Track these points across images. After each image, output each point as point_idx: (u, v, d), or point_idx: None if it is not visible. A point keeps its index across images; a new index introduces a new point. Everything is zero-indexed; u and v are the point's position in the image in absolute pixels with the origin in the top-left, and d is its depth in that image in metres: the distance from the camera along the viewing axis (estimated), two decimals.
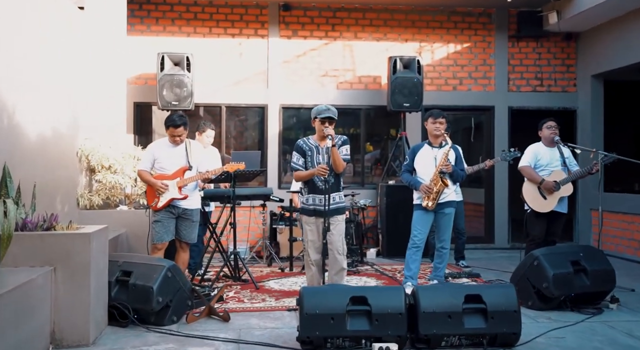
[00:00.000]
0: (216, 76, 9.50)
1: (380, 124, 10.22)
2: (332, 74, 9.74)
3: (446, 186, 6.01)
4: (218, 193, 6.84)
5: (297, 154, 5.60)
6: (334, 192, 5.54)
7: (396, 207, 8.87)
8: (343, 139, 5.66)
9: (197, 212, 6.06)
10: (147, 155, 6.02)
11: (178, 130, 5.82)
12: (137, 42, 9.35)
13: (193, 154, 5.96)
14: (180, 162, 5.91)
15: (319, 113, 5.58)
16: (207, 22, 9.51)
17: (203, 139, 7.26)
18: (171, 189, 5.84)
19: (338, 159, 5.43)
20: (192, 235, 6.03)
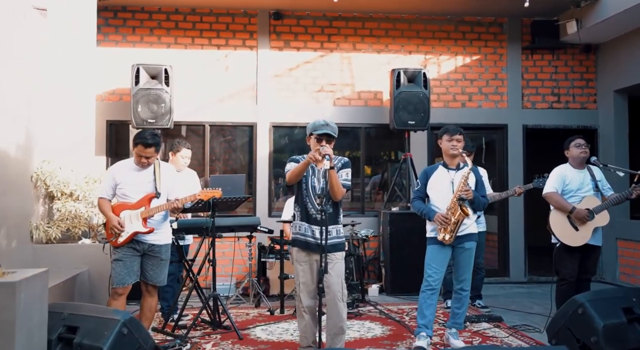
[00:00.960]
0: (199, 91, 8.55)
1: (381, 145, 9.26)
2: (329, 89, 8.80)
3: (466, 216, 5.02)
4: (195, 224, 5.82)
5: (292, 163, 4.68)
6: (332, 224, 4.60)
7: (401, 238, 7.87)
8: (343, 162, 4.72)
9: (166, 249, 5.03)
10: (107, 179, 5.02)
11: (148, 151, 4.82)
12: (111, 54, 8.40)
13: (162, 178, 4.96)
14: (146, 188, 4.90)
15: (315, 128, 4.63)
16: (190, 32, 8.58)
17: (177, 161, 6.27)
18: (134, 221, 4.82)
19: (337, 184, 4.47)
20: (160, 276, 5.00)
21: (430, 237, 5.24)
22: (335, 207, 4.66)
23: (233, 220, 6.14)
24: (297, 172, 4.53)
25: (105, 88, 8.39)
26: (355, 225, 7.31)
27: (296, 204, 4.72)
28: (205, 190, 5.07)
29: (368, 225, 8.45)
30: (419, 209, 5.25)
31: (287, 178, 4.63)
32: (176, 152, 6.29)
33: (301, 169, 4.52)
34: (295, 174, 4.55)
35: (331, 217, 4.60)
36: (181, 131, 8.71)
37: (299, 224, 4.65)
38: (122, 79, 8.12)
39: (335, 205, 4.66)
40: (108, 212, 4.87)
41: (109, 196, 4.96)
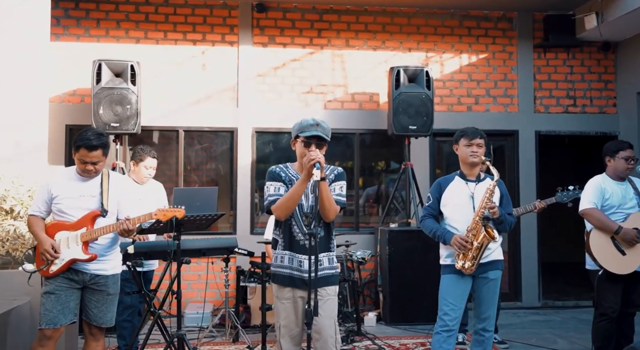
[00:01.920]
0: (172, 92, 7.54)
1: (378, 153, 8.28)
2: (319, 90, 7.82)
3: (492, 239, 4.03)
4: (156, 248, 4.78)
5: (275, 183, 3.69)
6: (323, 251, 3.64)
7: (401, 259, 6.88)
8: (337, 172, 3.78)
9: (114, 281, 4.01)
10: (39, 192, 3.98)
11: (93, 155, 3.80)
12: (71, 50, 7.39)
13: (111, 192, 3.94)
14: (89, 203, 3.87)
15: (302, 129, 3.67)
16: (162, 25, 7.58)
17: (140, 171, 5.26)
18: (72, 245, 3.79)
19: (328, 201, 3.52)
20: (106, 315, 3.96)
21: (445, 264, 4.24)
22: (326, 229, 3.68)
23: (204, 242, 5.11)
24: (295, 197, 3.52)
25: (64, 88, 7.37)
26: (349, 246, 6.30)
27: (277, 227, 3.73)
28: (164, 209, 4.04)
29: (363, 244, 7.45)
30: (430, 229, 4.27)
31: (276, 210, 3.58)
32: (139, 162, 5.27)
33: (299, 192, 3.52)
34: (291, 201, 3.53)
35: (322, 242, 3.63)
36: (152, 137, 7.69)
37: (281, 254, 3.66)
38: (84, 78, 7.10)
39: (326, 227, 3.68)
40: (39, 233, 3.84)
41: (41, 213, 3.93)
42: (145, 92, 7.24)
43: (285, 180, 3.70)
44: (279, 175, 3.71)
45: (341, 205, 3.69)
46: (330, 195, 3.58)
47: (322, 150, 3.65)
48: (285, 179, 3.70)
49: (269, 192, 3.68)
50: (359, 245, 7.24)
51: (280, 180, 3.70)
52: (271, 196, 3.66)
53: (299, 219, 3.65)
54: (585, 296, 8.30)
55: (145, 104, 7.22)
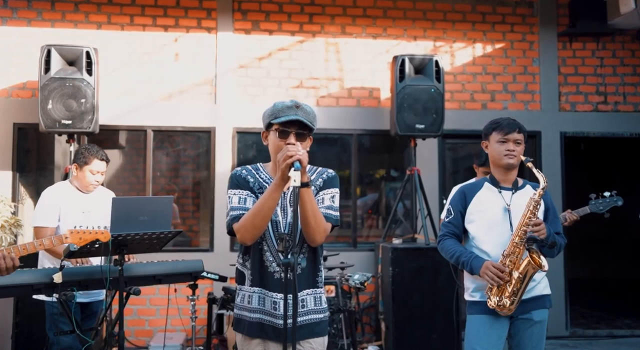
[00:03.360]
0: (140, 86, 6.47)
1: (379, 157, 7.20)
2: (310, 84, 6.75)
3: (539, 268, 2.95)
4: (94, 274, 3.65)
5: (239, 191, 2.64)
6: (307, 287, 2.63)
7: (407, 281, 5.78)
8: (327, 176, 2.73)
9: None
10: None
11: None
12: (21, 36, 6.32)
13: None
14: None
15: (276, 114, 2.62)
16: (128, 9, 6.52)
17: (85, 177, 4.17)
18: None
19: (314, 216, 2.50)
20: None
21: (473, 301, 3.16)
22: (312, 256, 2.62)
23: (160, 266, 4.00)
24: (265, 211, 2.49)
25: (12, 81, 6.29)
26: (345, 269, 5.19)
27: (243, 254, 2.66)
28: (80, 230, 2.95)
29: (362, 264, 6.36)
30: (452, 253, 3.18)
31: (240, 230, 2.54)
32: (82, 165, 4.17)
33: (270, 203, 2.49)
34: (260, 216, 2.49)
35: (305, 275, 2.59)
36: (115, 138, 6.62)
37: (248, 293, 2.60)
38: (35, 69, 6.00)
39: (312, 253, 2.62)
40: None
41: None
42: (106, 85, 6.19)
43: (255, 188, 2.63)
44: (244, 181, 2.65)
45: (333, 222, 2.62)
46: (316, 208, 2.51)
47: (305, 143, 2.59)
48: (254, 185, 2.64)
49: (231, 204, 2.61)
50: (357, 266, 6.15)
51: (247, 188, 2.63)
52: (234, 210, 2.59)
53: (272, 243, 2.58)
54: (620, 323, 7.23)
55: (106, 99, 6.16)
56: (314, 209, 2.50)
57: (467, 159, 7.05)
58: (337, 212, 2.67)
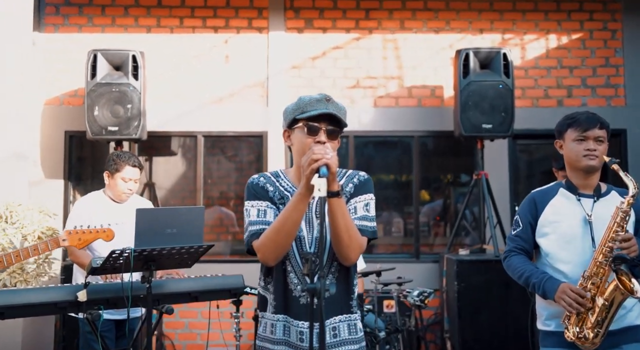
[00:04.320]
0: (189, 90, 6.24)
1: (443, 160, 6.69)
2: (367, 84, 6.32)
3: (629, 294, 2.41)
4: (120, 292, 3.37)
5: (258, 203, 2.26)
6: (339, 313, 2.23)
7: (475, 297, 5.26)
8: (359, 180, 2.32)
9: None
10: None
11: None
12: (72, 42, 6.23)
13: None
14: None
15: (303, 108, 2.31)
16: (177, 11, 6.32)
17: (117, 186, 3.91)
18: None
19: (346, 229, 2.11)
20: None
21: (546, 331, 2.65)
22: (344, 276, 2.21)
23: (196, 282, 3.68)
24: (288, 227, 2.11)
25: (64, 88, 6.20)
26: (403, 284, 4.72)
27: (267, 276, 2.28)
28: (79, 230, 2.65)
29: (425, 277, 5.88)
30: (521, 272, 2.68)
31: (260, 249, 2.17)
32: (114, 173, 3.93)
33: (294, 216, 2.10)
34: (283, 233, 2.11)
35: (337, 298, 2.17)
36: (167, 144, 6.42)
37: (271, 321, 2.22)
38: None
39: (343, 273, 2.21)
40: None
41: None
42: (155, 90, 6.01)
43: (275, 198, 2.25)
44: (263, 190, 2.27)
45: (369, 236, 2.20)
46: (349, 221, 2.10)
47: (335, 143, 2.19)
48: (274, 195, 2.25)
49: (249, 218, 2.24)
50: (420, 278, 5.68)
51: (267, 198, 2.25)
52: (253, 225, 2.21)
53: (297, 262, 2.20)
54: None
55: (155, 104, 5.98)
56: (347, 223, 2.09)
57: (543, 161, 6.43)
58: (373, 223, 2.25)
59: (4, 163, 4.90)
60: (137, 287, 3.26)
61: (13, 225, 4.14)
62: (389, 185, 6.66)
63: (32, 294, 3.26)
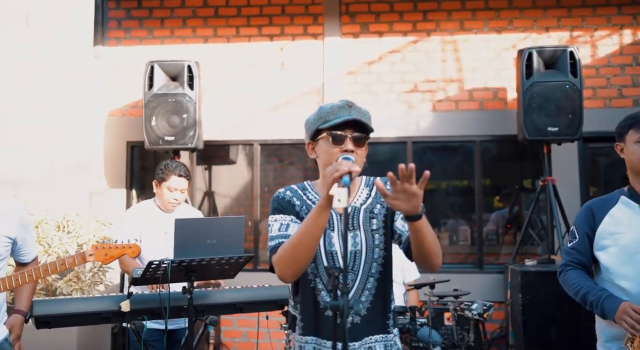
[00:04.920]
0: (245, 98, 6.25)
1: (508, 165, 6.38)
2: (425, 87, 6.13)
3: None
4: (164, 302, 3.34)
5: (281, 217, 2.16)
6: (375, 332, 2.10)
7: (541, 311, 4.94)
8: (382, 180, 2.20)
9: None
10: None
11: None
12: (134, 55, 6.37)
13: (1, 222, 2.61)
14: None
15: (325, 117, 2.16)
16: (233, 20, 6.35)
17: (163, 195, 3.91)
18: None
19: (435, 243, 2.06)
20: None
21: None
22: (382, 294, 2.12)
23: (241, 293, 3.61)
24: (308, 240, 1.98)
25: (126, 100, 6.35)
26: (461, 296, 4.49)
27: (295, 295, 2.20)
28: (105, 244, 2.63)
29: (489, 289, 5.61)
30: (577, 288, 2.45)
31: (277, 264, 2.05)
32: (161, 182, 3.94)
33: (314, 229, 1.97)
34: (302, 247, 1.99)
35: (372, 316, 2.09)
36: (224, 153, 6.44)
37: (300, 343, 2.12)
38: None
39: (382, 290, 2.09)
40: None
41: None
42: (212, 99, 6.06)
43: (302, 212, 2.14)
44: (289, 204, 2.17)
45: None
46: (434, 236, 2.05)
47: (362, 150, 2.07)
48: (300, 209, 2.15)
49: (270, 232, 2.14)
50: (483, 289, 5.44)
51: (292, 212, 2.13)
52: (272, 239, 2.11)
53: (324, 279, 2.08)
54: None
55: (212, 113, 6.02)
56: (434, 237, 2.02)
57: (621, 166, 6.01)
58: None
59: (66, 174, 5.06)
60: (181, 298, 3.23)
61: (69, 234, 4.23)
62: (449, 192, 6.42)
63: (77, 303, 3.30)
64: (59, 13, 5.41)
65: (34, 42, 5.18)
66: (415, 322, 3.89)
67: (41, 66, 5.20)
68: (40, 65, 5.19)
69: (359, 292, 2.07)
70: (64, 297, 3.82)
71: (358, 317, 2.05)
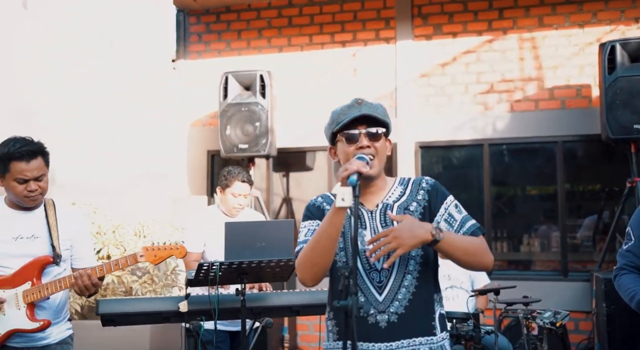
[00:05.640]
0: (318, 105, 6.29)
1: (593, 166, 6.01)
2: (502, 87, 5.91)
3: None
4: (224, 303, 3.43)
5: (308, 224, 2.15)
6: (418, 335, 2.02)
7: (628, 321, 4.57)
8: (429, 182, 2.16)
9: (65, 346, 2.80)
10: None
11: (32, 166, 2.57)
12: (212, 66, 6.62)
13: (63, 228, 2.73)
14: (31, 248, 2.66)
15: (337, 119, 2.15)
16: (306, 29, 6.45)
17: (227, 201, 4.03)
18: (11, 309, 2.61)
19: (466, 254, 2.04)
20: None
21: None
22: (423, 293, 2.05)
23: (296, 296, 3.64)
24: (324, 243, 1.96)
25: (206, 110, 6.62)
26: (530, 304, 4.25)
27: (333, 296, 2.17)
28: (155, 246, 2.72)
29: (574, 297, 5.32)
30: (632, 293, 2.31)
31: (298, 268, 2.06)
32: (225, 188, 4.06)
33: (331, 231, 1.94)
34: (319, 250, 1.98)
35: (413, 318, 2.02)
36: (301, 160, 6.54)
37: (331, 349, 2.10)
38: None
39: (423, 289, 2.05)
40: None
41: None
42: (287, 107, 6.18)
43: None
44: (319, 210, 2.18)
45: (483, 233, 2.10)
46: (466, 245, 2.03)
47: (380, 143, 2.04)
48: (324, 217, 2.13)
49: (299, 239, 2.15)
50: (567, 298, 5.16)
51: (321, 217, 2.12)
52: (298, 245, 2.12)
53: (364, 280, 2.06)
54: None
55: (286, 121, 6.14)
56: (466, 249, 2.00)
57: None
58: (474, 220, 2.10)
59: (146, 181, 5.34)
60: (236, 299, 3.32)
61: (144, 238, 4.47)
62: (529, 196, 6.14)
63: (140, 303, 3.48)
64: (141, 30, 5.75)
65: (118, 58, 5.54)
66: (479, 328, 3.75)
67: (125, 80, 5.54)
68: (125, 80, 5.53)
69: (395, 289, 2.01)
70: (128, 297, 4.04)
71: (395, 316, 1.99)
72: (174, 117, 6.25)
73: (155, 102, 5.74)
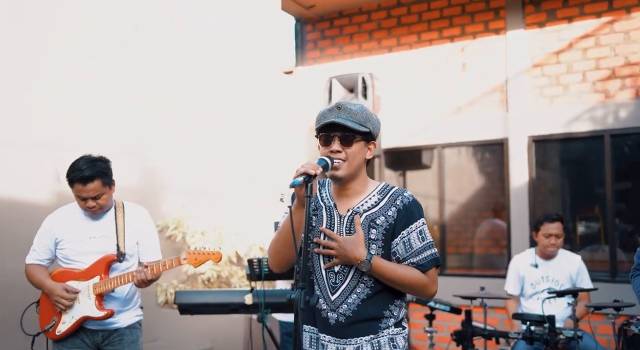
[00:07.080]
0: (428, 103, 6.26)
1: None
2: (625, 73, 5.38)
3: None
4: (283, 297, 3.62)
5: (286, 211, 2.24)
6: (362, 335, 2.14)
7: None
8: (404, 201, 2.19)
9: (133, 330, 3.15)
10: (39, 236, 3.18)
11: (89, 188, 2.98)
12: (327, 71, 6.85)
13: (129, 230, 3.11)
14: (101, 246, 3.08)
15: (318, 120, 2.24)
16: (415, 27, 6.41)
17: None
18: (83, 298, 3.04)
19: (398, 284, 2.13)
20: None
21: None
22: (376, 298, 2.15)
23: None
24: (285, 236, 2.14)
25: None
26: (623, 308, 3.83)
27: None
28: (195, 251, 2.98)
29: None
30: None
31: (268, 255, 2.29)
32: None
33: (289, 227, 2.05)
34: (280, 241, 2.17)
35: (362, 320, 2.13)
36: (416, 157, 6.52)
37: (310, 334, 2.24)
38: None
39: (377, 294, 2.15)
40: (45, 281, 3.06)
41: (42, 262, 3.16)
42: (397, 105, 6.24)
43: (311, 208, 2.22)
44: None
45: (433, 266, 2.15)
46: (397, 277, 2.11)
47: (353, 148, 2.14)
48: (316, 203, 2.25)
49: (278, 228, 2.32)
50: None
51: None
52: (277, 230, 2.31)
53: (322, 276, 2.18)
54: None
55: (395, 120, 6.18)
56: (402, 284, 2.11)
57: None
58: (433, 249, 2.13)
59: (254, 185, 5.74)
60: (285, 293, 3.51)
61: (242, 236, 4.83)
62: None
63: (212, 295, 3.82)
64: (260, 40, 6.20)
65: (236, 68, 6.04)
66: (554, 332, 3.52)
67: (241, 88, 6.02)
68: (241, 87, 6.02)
69: (346, 293, 2.11)
70: (202, 289, 4.41)
71: (343, 317, 2.10)
72: (292, 122, 6.60)
73: (273, 109, 6.14)
